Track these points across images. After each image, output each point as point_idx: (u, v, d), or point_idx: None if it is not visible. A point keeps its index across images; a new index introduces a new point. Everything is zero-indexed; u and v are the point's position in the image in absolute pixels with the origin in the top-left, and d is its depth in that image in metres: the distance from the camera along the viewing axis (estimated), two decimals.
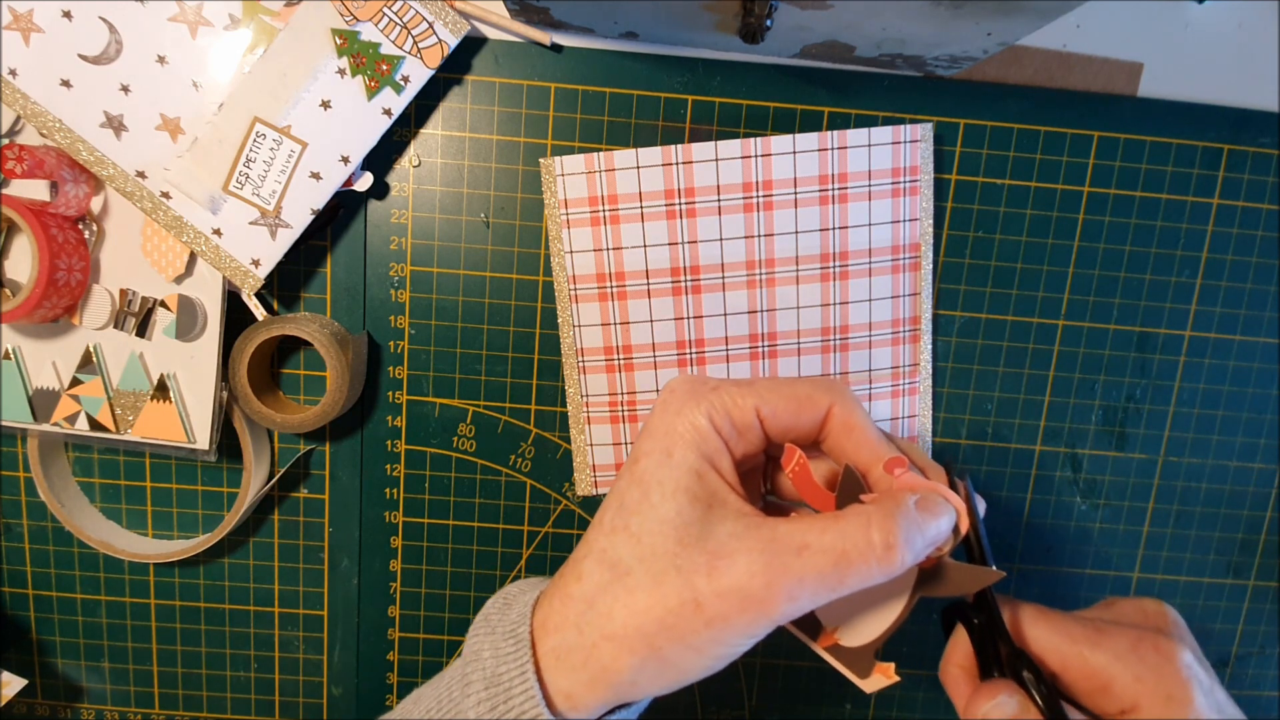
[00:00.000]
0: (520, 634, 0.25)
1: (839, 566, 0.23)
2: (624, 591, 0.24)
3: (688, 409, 0.26)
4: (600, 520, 0.26)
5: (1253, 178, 0.43)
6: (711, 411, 0.26)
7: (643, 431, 0.27)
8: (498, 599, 0.28)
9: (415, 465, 0.44)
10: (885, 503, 0.25)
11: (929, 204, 0.42)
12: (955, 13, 0.32)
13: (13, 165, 0.36)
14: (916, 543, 0.24)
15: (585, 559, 0.25)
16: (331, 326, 0.41)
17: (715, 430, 0.25)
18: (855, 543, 0.23)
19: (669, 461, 0.25)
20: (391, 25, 0.37)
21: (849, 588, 0.23)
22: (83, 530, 0.43)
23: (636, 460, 0.26)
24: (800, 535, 0.23)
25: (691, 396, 0.26)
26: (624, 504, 0.25)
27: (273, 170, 0.38)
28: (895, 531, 0.23)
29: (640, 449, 0.26)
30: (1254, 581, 0.47)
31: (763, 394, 0.26)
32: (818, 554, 0.23)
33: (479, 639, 0.26)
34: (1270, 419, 0.45)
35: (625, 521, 0.25)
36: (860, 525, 0.24)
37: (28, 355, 0.40)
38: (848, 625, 0.28)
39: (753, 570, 0.23)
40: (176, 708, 0.47)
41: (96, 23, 0.36)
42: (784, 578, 0.23)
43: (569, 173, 0.40)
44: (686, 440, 0.25)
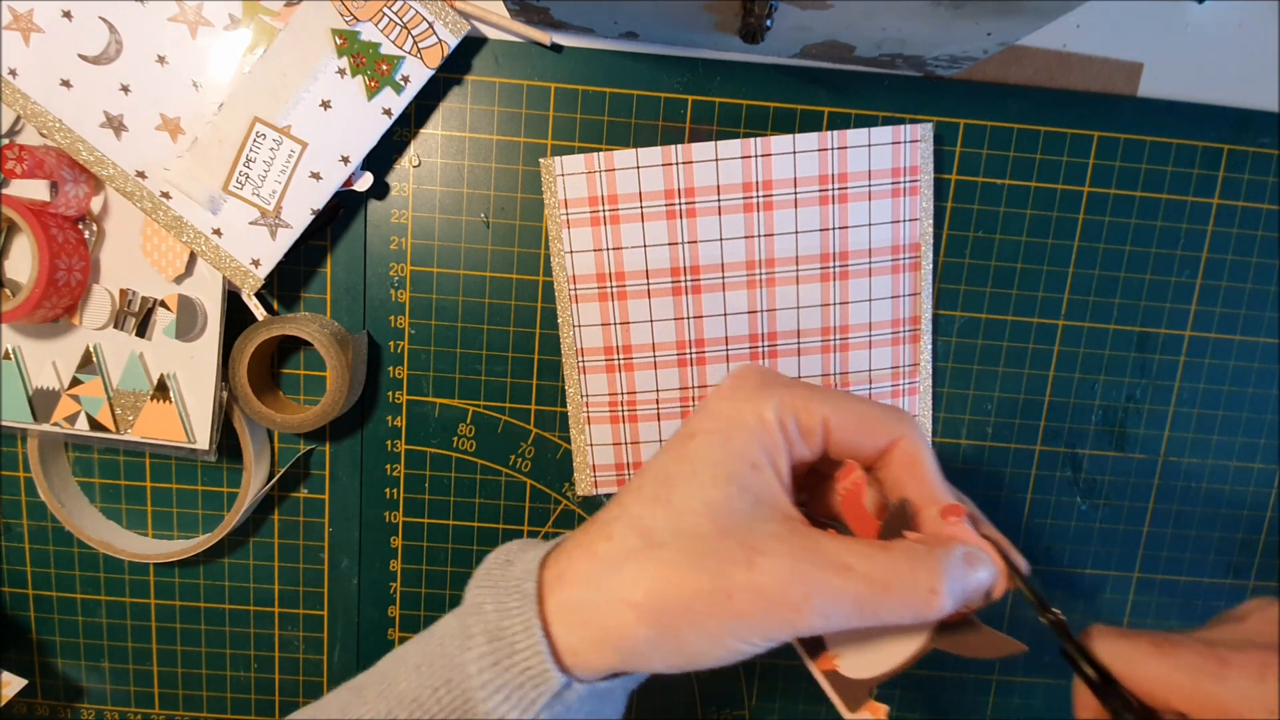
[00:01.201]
0: (526, 589, 0.24)
1: (878, 597, 0.23)
2: (654, 563, 0.23)
3: (757, 398, 0.25)
4: (638, 487, 0.25)
5: (1253, 178, 0.43)
6: (781, 408, 0.25)
7: (699, 411, 0.26)
8: (498, 555, 0.27)
9: (415, 465, 0.44)
10: (937, 548, 0.24)
11: (929, 204, 0.42)
12: (955, 13, 0.32)
13: (13, 165, 0.36)
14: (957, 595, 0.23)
15: (616, 521, 0.25)
16: (331, 326, 0.41)
17: (781, 427, 0.25)
18: (901, 579, 0.23)
19: (727, 445, 0.24)
20: (391, 25, 0.37)
21: (879, 620, 0.23)
22: (83, 530, 0.43)
23: (691, 436, 0.25)
24: (845, 555, 0.23)
25: (763, 387, 0.25)
26: (669, 476, 0.25)
27: (273, 170, 0.38)
28: (942, 578, 0.23)
29: (696, 426, 0.25)
30: (1254, 582, 0.47)
31: (836, 405, 0.25)
32: (860, 579, 0.23)
33: (481, 592, 0.25)
34: (1270, 419, 0.45)
35: (668, 493, 0.24)
36: (908, 563, 0.23)
37: (28, 355, 0.40)
38: (852, 654, 0.27)
39: (793, 576, 0.22)
40: (176, 708, 0.47)
41: (96, 23, 0.36)
42: (822, 592, 0.22)
43: (569, 173, 0.40)
44: (750, 429, 0.24)
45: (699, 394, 0.43)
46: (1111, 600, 0.47)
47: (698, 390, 0.43)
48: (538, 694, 0.23)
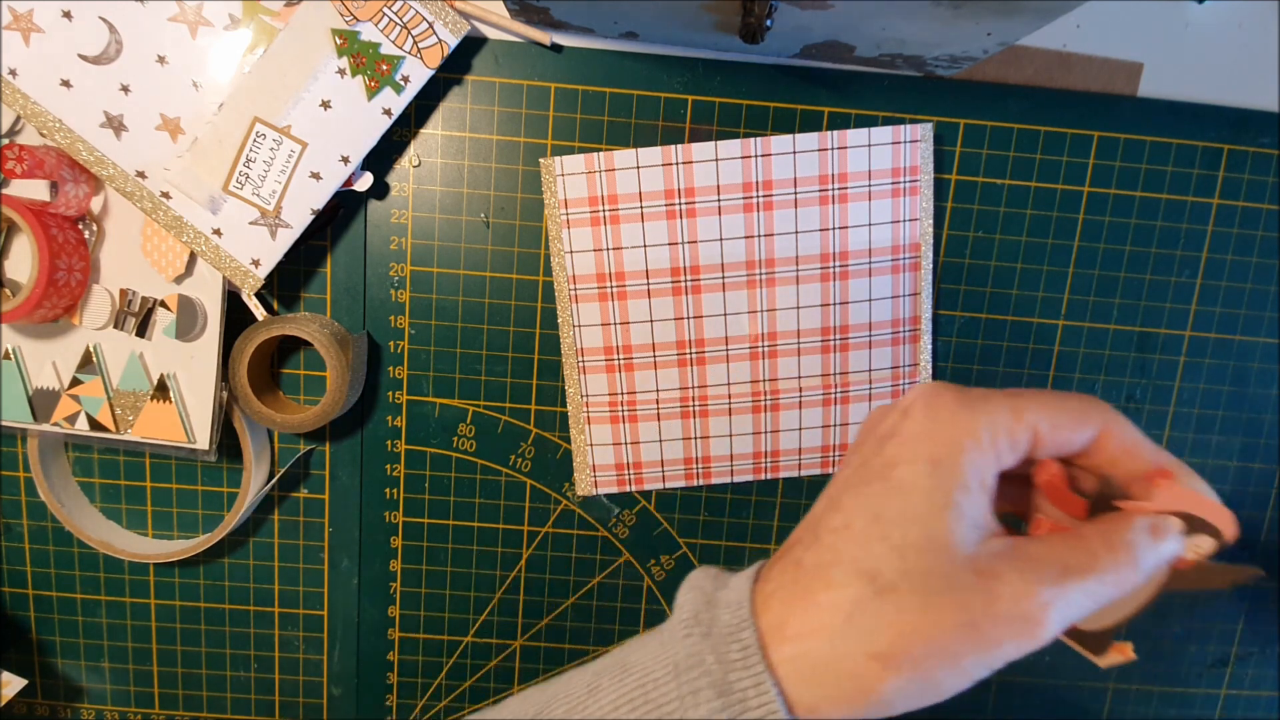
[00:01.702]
0: (746, 639, 0.23)
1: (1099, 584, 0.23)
2: (891, 609, 0.22)
3: (962, 419, 0.24)
4: (844, 525, 0.24)
5: (1253, 178, 0.43)
6: (991, 424, 0.24)
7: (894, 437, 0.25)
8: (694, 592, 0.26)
9: (415, 465, 0.44)
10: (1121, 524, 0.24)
11: (929, 204, 0.42)
12: (955, 13, 0.32)
13: (13, 165, 0.36)
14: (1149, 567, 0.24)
15: (833, 567, 0.23)
16: (331, 326, 0.41)
17: (992, 445, 0.24)
18: (1106, 562, 0.23)
19: (936, 472, 0.24)
20: (391, 25, 0.37)
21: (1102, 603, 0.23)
22: (83, 530, 0.43)
23: (893, 466, 0.24)
24: (1057, 555, 0.23)
25: (962, 405, 0.24)
26: (880, 513, 0.24)
27: (273, 170, 0.38)
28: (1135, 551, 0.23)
29: (896, 455, 0.24)
30: None
31: (1038, 409, 0.25)
32: (1078, 573, 0.23)
33: (695, 640, 0.24)
34: (1270, 419, 0.45)
35: (884, 532, 0.23)
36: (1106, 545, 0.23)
37: (28, 355, 0.40)
38: None
39: (1028, 592, 0.22)
40: (176, 708, 0.47)
41: (96, 23, 0.36)
42: (1056, 598, 0.22)
43: (569, 173, 0.40)
44: (959, 451, 0.24)
45: (699, 394, 0.43)
46: None
47: (698, 390, 0.43)
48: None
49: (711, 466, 0.44)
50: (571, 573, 0.46)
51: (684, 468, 0.44)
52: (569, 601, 0.46)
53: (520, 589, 0.46)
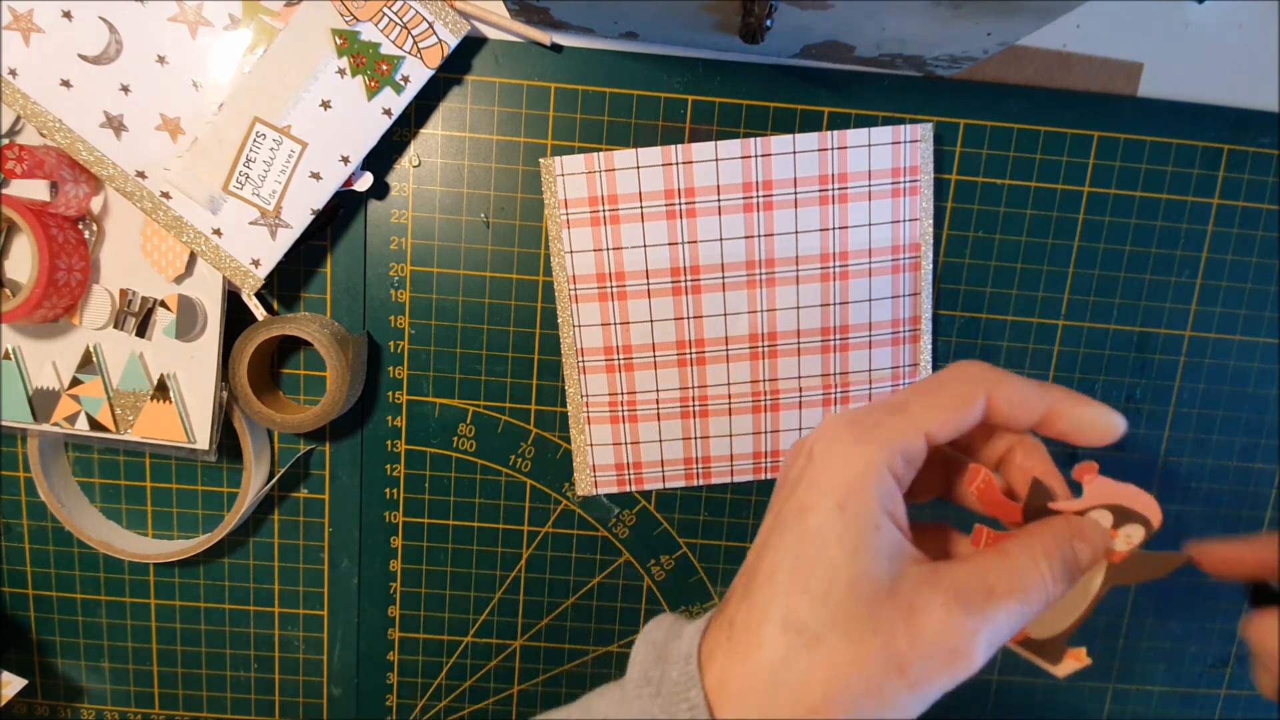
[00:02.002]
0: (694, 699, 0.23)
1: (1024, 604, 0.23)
2: (819, 659, 0.22)
3: (856, 455, 0.24)
4: (770, 581, 0.24)
5: (1253, 178, 0.43)
6: (883, 453, 0.24)
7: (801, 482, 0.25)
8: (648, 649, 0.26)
9: (415, 465, 0.44)
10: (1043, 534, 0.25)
11: (929, 204, 0.42)
12: (955, 13, 0.32)
13: (13, 165, 0.36)
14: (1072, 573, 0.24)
15: (763, 625, 0.23)
16: (331, 326, 0.41)
17: (892, 475, 0.24)
18: (1032, 579, 0.23)
19: (843, 515, 0.23)
20: (391, 25, 0.37)
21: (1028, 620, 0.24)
22: (83, 530, 0.43)
23: (804, 514, 0.24)
24: (980, 577, 0.23)
25: (855, 440, 0.24)
26: (799, 563, 0.24)
27: (273, 170, 0.38)
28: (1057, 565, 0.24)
29: (805, 501, 0.24)
30: None
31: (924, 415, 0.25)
32: (1003, 595, 0.23)
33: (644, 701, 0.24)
34: (1270, 419, 0.45)
35: (804, 582, 0.23)
36: (1029, 560, 0.24)
37: (28, 355, 0.40)
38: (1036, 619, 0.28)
39: (952, 622, 0.22)
40: (176, 708, 0.47)
41: (96, 23, 0.36)
42: (982, 625, 0.22)
43: (569, 173, 0.40)
44: (861, 489, 0.24)
45: (699, 394, 0.43)
46: (1112, 600, 0.47)
47: (698, 390, 0.43)
48: None
49: (711, 466, 0.44)
50: (571, 573, 0.46)
51: (684, 468, 0.44)
52: (569, 601, 0.46)
53: (520, 589, 0.46)
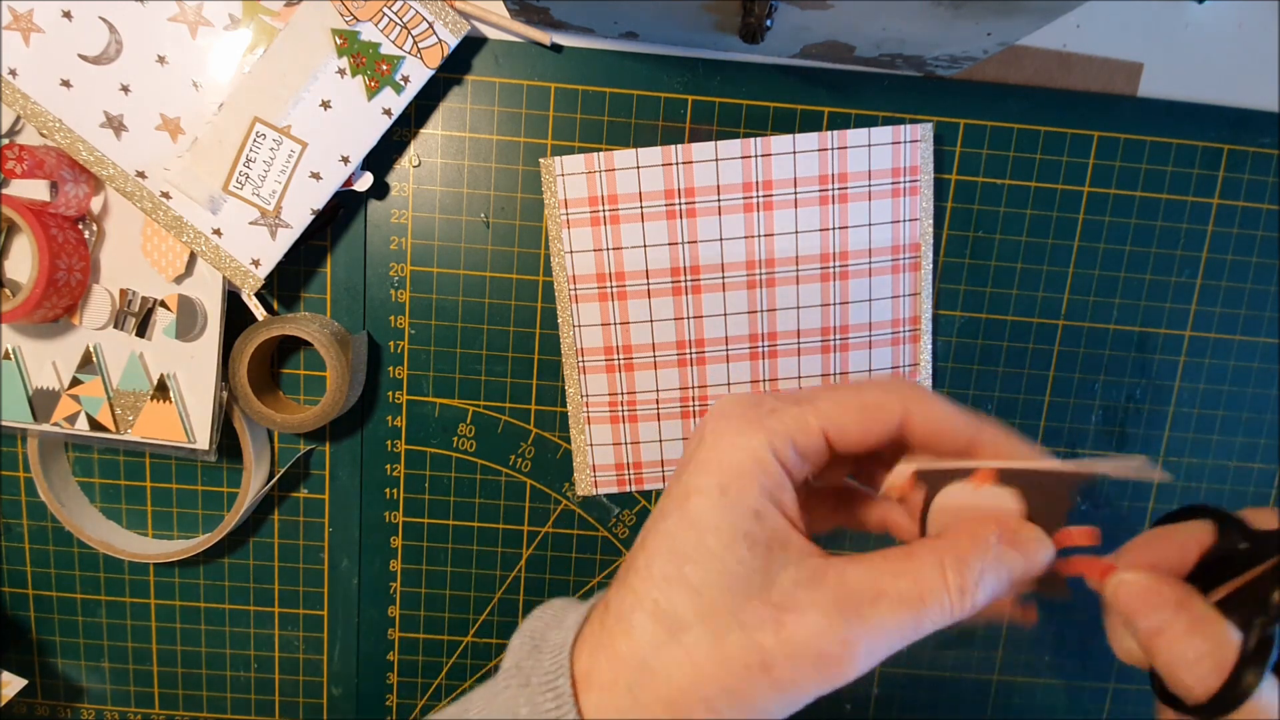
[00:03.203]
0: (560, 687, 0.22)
1: (916, 614, 0.21)
2: (682, 651, 0.21)
3: (744, 438, 0.23)
4: (648, 566, 0.23)
5: (1253, 178, 0.43)
6: (773, 439, 0.22)
7: (690, 464, 0.23)
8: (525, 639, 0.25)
9: (415, 465, 0.44)
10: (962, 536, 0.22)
11: (929, 204, 0.42)
12: (955, 13, 0.32)
13: (13, 165, 0.36)
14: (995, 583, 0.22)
15: (634, 612, 0.22)
16: (331, 326, 0.41)
17: (778, 461, 0.22)
18: (930, 586, 0.21)
19: (724, 500, 0.22)
20: (391, 25, 0.37)
21: (926, 633, 0.21)
22: (83, 530, 0.43)
23: (686, 498, 0.23)
24: (873, 580, 0.21)
25: (747, 422, 0.23)
26: (676, 549, 0.22)
27: (273, 170, 0.38)
28: (971, 572, 0.21)
29: (690, 484, 0.23)
30: None
31: (828, 412, 0.23)
32: (894, 602, 0.21)
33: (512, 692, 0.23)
34: (1270, 419, 0.45)
35: (679, 570, 0.22)
36: (934, 565, 0.21)
37: (28, 355, 0.40)
38: None
39: (826, 627, 0.20)
40: (176, 708, 0.47)
41: (96, 23, 0.36)
42: (861, 633, 0.21)
43: (569, 173, 0.40)
44: (745, 475, 0.22)
45: (699, 394, 0.43)
46: None
47: (698, 390, 0.43)
48: None
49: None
50: (571, 573, 0.46)
51: None
52: None
53: (520, 589, 0.46)
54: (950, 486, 0.24)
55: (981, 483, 0.24)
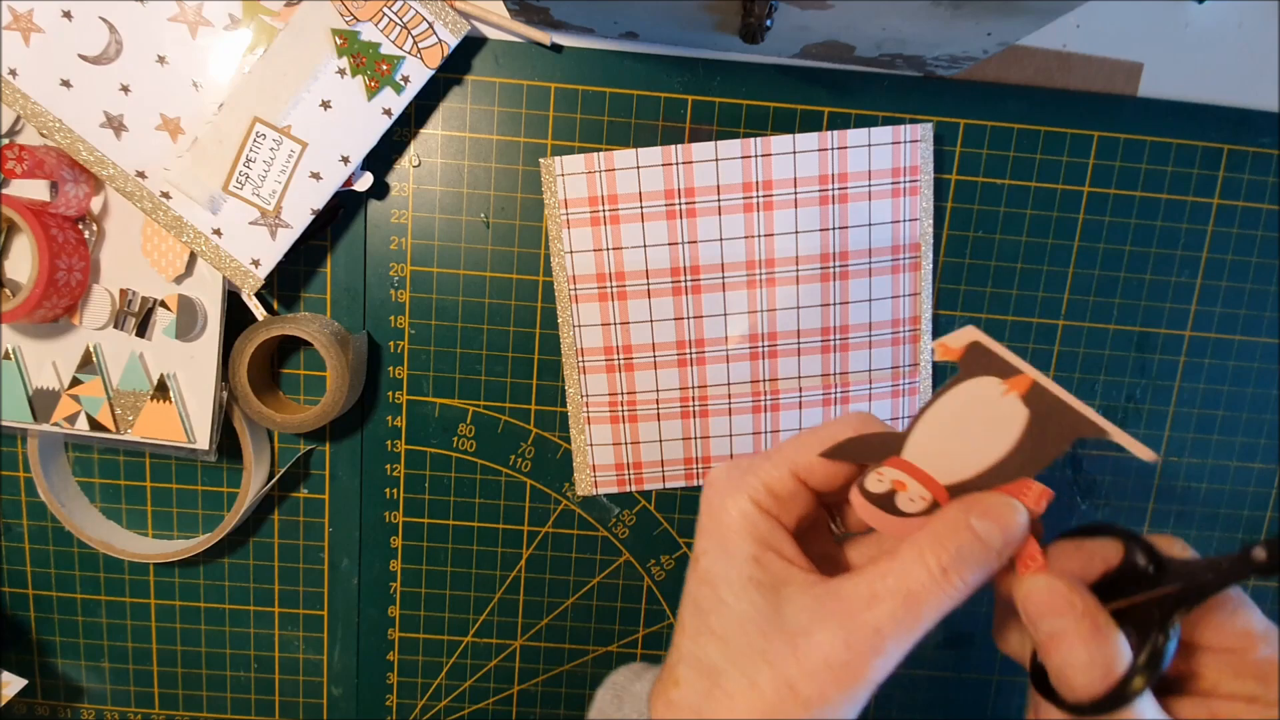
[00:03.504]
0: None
1: (910, 606, 0.23)
2: (724, 696, 0.24)
3: (730, 499, 0.26)
4: (682, 623, 0.26)
5: (1253, 178, 0.43)
6: (754, 494, 0.25)
7: (698, 530, 0.27)
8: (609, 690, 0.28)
9: (415, 465, 0.44)
10: (934, 522, 0.24)
11: (929, 204, 0.42)
12: (955, 13, 0.32)
13: (13, 165, 0.36)
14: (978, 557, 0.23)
15: (678, 665, 0.25)
16: (331, 326, 0.41)
17: (762, 512, 0.25)
18: (916, 576, 0.23)
19: (726, 555, 0.25)
20: (391, 25, 0.37)
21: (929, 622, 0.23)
22: (83, 530, 0.43)
23: (697, 560, 0.26)
24: (867, 586, 0.23)
25: (731, 485, 0.26)
26: (699, 605, 0.25)
27: (273, 170, 0.38)
28: (948, 551, 0.23)
29: (698, 548, 0.26)
30: (1254, 581, 0.47)
31: (792, 457, 0.26)
32: (886, 600, 0.23)
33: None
34: (1270, 419, 0.45)
35: (705, 623, 0.25)
36: (915, 556, 0.23)
37: (28, 355, 0.40)
38: None
39: (833, 640, 0.23)
40: (176, 708, 0.47)
41: (96, 23, 0.36)
42: (863, 637, 0.22)
43: (569, 173, 0.40)
44: (738, 530, 0.25)
45: (699, 394, 0.43)
46: None
47: (698, 390, 0.43)
48: None
49: (711, 466, 0.44)
50: (571, 573, 0.46)
51: (684, 468, 0.44)
52: (569, 601, 0.46)
53: (520, 589, 0.46)
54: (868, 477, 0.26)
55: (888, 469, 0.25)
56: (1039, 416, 0.24)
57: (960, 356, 0.25)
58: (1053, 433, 0.24)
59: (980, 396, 0.25)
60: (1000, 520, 0.23)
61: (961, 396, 0.25)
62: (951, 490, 0.25)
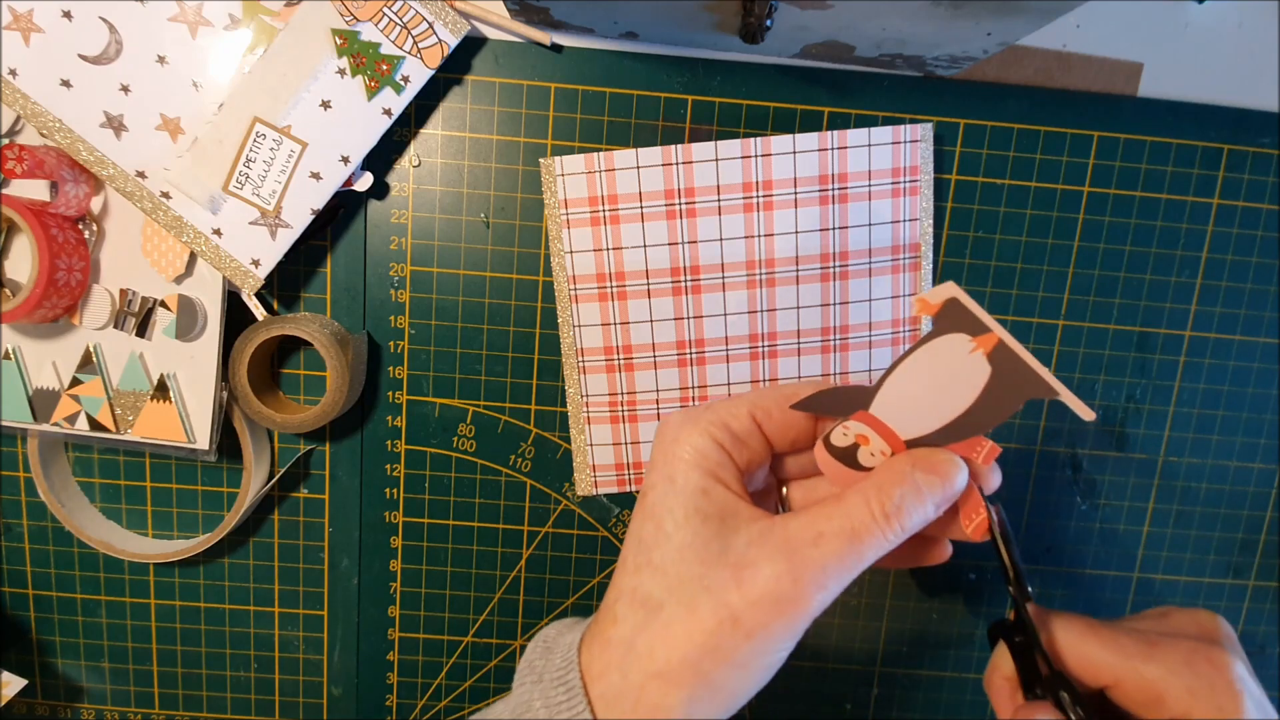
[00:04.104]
0: (570, 680, 0.25)
1: (853, 545, 0.23)
2: (661, 627, 0.24)
3: (684, 433, 0.26)
4: (624, 561, 0.26)
5: (1253, 178, 0.43)
6: (709, 428, 0.26)
7: (648, 468, 0.27)
8: (538, 644, 0.28)
9: (415, 465, 0.44)
10: (880, 471, 0.25)
11: (929, 204, 0.42)
12: (955, 13, 0.32)
13: (13, 165, 0.36)
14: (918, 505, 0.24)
15: (617, 602, 0.25)
16: (331, 326, 0.41)
17: (716, 444, 0.26)
18: (861, 518, 0.24)
19: (673, 487, 0.25)
20: (391, 25, 0.37)
21: (869, 560, 0.24)
22: (83, 530, 0.43)
23: (645, 495, 0.26)
24: (812, 525, 0.24)
25: (686, 421, 0.27)
26: (641, 540, 0.25)
27: (273, 170, 0.38)
28: (891, 498, 0.24)
29: (646, 484, 0.26)
30: (1254, 581, 0.47)
31: (753, 400, 0.27)
32: (831, 539, 0.23)
33: (526, 688, 0.26)
34: (1270, 419, 0.45)
35: (647, 557, 0.25)
36: (861, 500, 0.24)
37: (28, 355, 0.40)
38: None
39: (778, 572, 0.23)
40: (176, 708, 0.47)
41: (96, 23, 0.36)
42: (808, 570, 0.23)
43: (569, 173, 0.40)
44: (687, 461, 0.26)
45: (699, 394, 0.43)
46: (1111, 600, 0.47)
47: (698, 390, 0.43)
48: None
49: None
50: (571, 573, 0.46)
51: None
52: (569, 601, 0.46)
53: (520, 589, 0.46)
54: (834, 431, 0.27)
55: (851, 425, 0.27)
56: (999, 375, 0.25)
57: (937, 312, 0.26)
58: (1010, 392, 0.25)
59: (949, 353, 0.26)
60: (943, 475, 0.25)
61: (931, 352, 0.26)
62: (910, 445, 0.26)
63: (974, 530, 0.27)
